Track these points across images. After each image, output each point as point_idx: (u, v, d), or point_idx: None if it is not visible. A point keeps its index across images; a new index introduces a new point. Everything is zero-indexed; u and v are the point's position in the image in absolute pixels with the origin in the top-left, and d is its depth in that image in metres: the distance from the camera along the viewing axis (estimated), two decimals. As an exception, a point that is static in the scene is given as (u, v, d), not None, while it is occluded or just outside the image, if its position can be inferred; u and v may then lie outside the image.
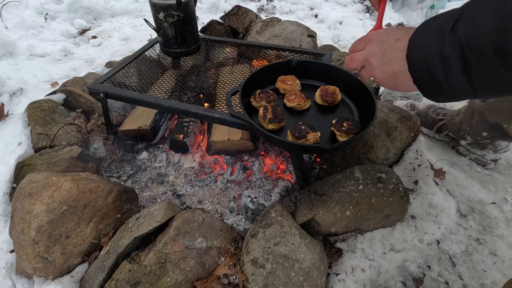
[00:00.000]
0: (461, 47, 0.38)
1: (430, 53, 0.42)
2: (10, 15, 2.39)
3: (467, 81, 0.39)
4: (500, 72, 0.35)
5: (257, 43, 1.43)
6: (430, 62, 0.42)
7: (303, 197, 1.01)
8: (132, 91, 1.14)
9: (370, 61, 0.55)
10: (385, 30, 0.54)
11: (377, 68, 0.54)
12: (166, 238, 0.87)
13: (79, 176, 0.97)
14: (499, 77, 0.36)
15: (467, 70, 0.38)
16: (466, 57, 0.38)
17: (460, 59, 0.39)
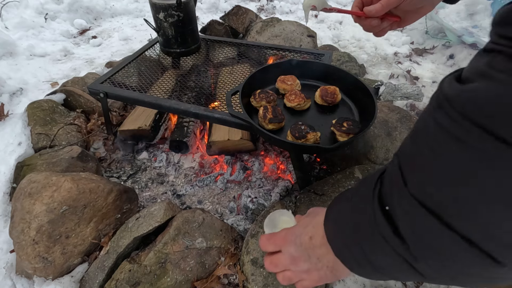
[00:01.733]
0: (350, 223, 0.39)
1: (339, 241, 0.41)
2: (10, 15, 2.39)
3: (370, 264, 0.38)
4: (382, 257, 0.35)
5: (257, 43, 1.43)
6: (344, 244, 0.41)
7: (303, 197, 1.01)
8: (132, 91, 1.14)
9: (298, 265, 0.49)
10: (294, 231, 0.51)
11: (310, 269, 0.48)
12: (166, 238, 0.87)
13: (79, 176, 0.97)
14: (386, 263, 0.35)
15: (363, 251, 0.38)
16: (358, 238, 0.38)
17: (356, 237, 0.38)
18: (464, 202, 0.26)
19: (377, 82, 1.60)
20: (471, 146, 0.25)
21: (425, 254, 0.30)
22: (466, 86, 0.26)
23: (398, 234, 0.31)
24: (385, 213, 0.33)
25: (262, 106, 0.95)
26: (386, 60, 2.12)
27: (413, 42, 2.30)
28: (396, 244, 0.31)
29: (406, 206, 0.30)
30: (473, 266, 0.27)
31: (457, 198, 0.26)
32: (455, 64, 2.00)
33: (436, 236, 0.28)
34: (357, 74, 1.81)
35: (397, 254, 0.32)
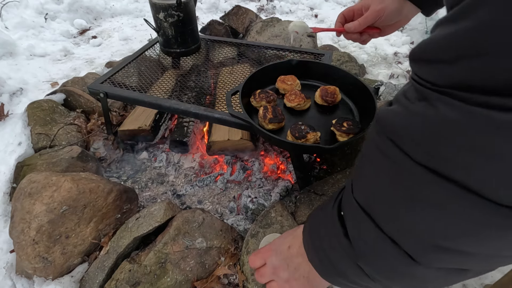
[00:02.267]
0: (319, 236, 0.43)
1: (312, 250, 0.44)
2: (10, 15, 2.39)
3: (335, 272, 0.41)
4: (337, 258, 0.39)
5: (257, 43, 1.43)
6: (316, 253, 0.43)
7: (303, 197, 1.01)
8: (132, 91, 1.14)
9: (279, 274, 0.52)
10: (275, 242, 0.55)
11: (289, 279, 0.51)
12: (166, 238, 0.88)
13: (79, 176, 0.97)
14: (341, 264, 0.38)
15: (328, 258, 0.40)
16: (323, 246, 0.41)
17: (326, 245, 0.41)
18: (388, 206, 0.30)
19: (377, 82, 1.60)
20: (387, 156, 0.30)
21: (365, 253, 0.34)
22: (387, 108, 0.31)
23: (347, 236, 0.35)
24: (340, 218, 0.38)
25: (262, 106, 0.95)
26: (386, 60, 2.12)
27: (413, 42, 2.30)
28: (346, 245, 0.35)
29: (352, 210, 0.35)
30: (398, 264, 0.31)
31: (384, 203, 0.31)
32: (455, 64, 2.00)
33: (372, 236, 0.32)
34: (357, 74, 1.81)
35: (348, 256, 0.36)
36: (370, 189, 0.33)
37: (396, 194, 0.29)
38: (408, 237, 0.29)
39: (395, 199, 0.29)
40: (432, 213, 0.27)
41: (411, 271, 0.31)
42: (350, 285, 0.41)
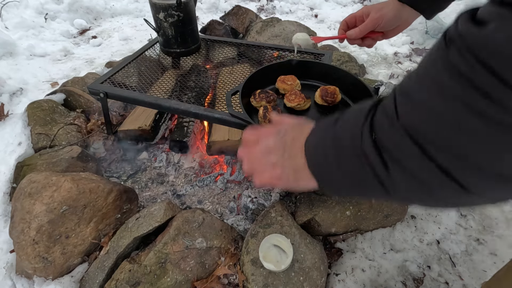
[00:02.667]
0: (335, 142, 0.40)
1: (320, 152, 0.43)
2: (10, 15, 2.39)
3: (343, 179, 0.40)
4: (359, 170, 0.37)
5: (257, 43, 1.43)
6: (321, 159, 0.42)
7: (303, 197, 1.01)
8: (132, 91, 1.14)
9: (269, 157, 0.49)
10: (280, 127, 0.52)
11: (277, 164, 0.48)
12: (166, 238, 0.88)
13: (79, 176, 0.97)
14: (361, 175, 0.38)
15: (340, 166, 0.40)
16: (338, 153, 0.39)
17: (335, 156, 0.40)
18: (451, 141, 0.28)
19: (377, 82, 1.59)
20: (473, 82, 0.25)
21: (400, 176, 0.33)
22: (481, 26, 0.25)
23: (381, 156, 0.34)
24: (374, 143, 0.35)
25: (262, 106, 0.95)
26: (386, 60, 2.12)
27: (413, 42, 2.30)
28: (376, 160, 0.34)
29: (394, 136, 0.32)
30: (444, 191, 0.31)
31: (447, 137, 0.28)
32: (455, 64, 2.00)
33: (415, 163, 0.31)
34: (357, 74, 1.81)
35: (372, 171, 0.35)
36: (431, 117, 0.29)
37: (473, 123, 0.26)
38: (469, 168, 0.28)
39: (466, 137, 0.27)
40: None
41: (458, 199, 0.31)
42: (343, 186, 0.41)
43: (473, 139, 0.27)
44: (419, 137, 0.30)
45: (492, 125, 0.25)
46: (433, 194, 0.32)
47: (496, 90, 0.24)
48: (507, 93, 0.23)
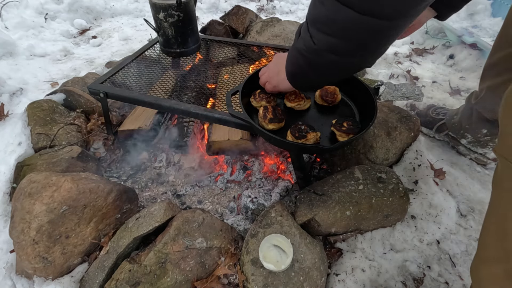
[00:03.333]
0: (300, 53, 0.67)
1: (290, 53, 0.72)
2: (10, 15, 2.39)
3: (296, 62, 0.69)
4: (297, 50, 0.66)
5: (257, 43, 1.43)
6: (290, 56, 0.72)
7: (303, 197, 1.01)
8: (132, 91, 1.14)
9: (270, 75, 0.89)
10: (274, 61, 0.89)
11: (273, 76, 0.87)
12: (166, 238, 0.87)
13: (79, 176, 0.97)
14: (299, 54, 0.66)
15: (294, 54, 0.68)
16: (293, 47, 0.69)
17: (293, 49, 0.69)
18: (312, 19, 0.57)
19: (377, 82, 1.59)
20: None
21: (300, 40, 0.64)
22: None
23: (298, 35, 0.67)
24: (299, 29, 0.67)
25: (262, 106, 0.95)
26: (386, 60, 2.12)
27: (413, 42, 2.30)
28: (296, 38, 0.67)
29: (304, 22, 0.64)
30: (308, 45, 0.61)
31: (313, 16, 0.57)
32: (455, 64, 2.00)
33: (304, 31, 0.61)
34: (357, 74, 1.81)
35: (293, 44, 0.68)
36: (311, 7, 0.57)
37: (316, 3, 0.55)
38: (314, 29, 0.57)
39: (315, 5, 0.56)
40: None
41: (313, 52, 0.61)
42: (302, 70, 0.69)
43: (316, 11, 0.56)
44: (308, 18, 0.59)
45: (320, 4, 0.54)
46: (307, 51, 0.63)
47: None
48: None
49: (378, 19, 0.48)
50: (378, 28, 0.50)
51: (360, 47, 0.55)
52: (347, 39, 0.53)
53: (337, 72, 0.66)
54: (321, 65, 0.62)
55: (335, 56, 0.57)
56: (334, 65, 0.62)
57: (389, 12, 0.47)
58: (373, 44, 0.55)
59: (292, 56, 0.69)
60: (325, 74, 0.68)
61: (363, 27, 0.50)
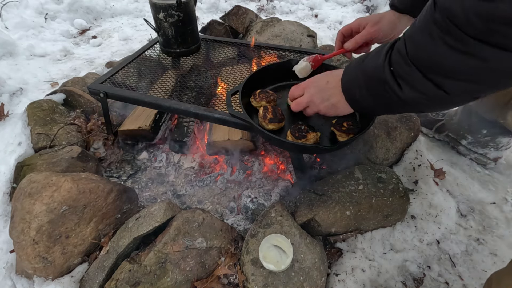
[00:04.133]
0: (365, 75, 0.62)
1: (354, 83, 0.66)
2: (10, 15, 2.39)
3: (371, 99, 0.62)
4: (383, 93, 0.58)
5: (257, 43, 1.43)
6: (354, 87, 0.65)
7: (303, 197, 1.01)
8: (132, 91, 1.14)
9: (313, 100, 0.76)
10: (315, 78, 0.77)
11: (320, 104, 0.75)
12: (166, 238, 0.87)
13: (79, 176, 0.97)
14: (384, 96, 0.59)
15: (368, 90, 0.62)
16: (367, 82, 0.62)
17: (365, 83, 0.62)
18: (438, 64, 0.49)
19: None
20: (446, 31, 0.45)
21: (409, 91, 0.54)
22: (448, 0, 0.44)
23: (396, 80, 0.55)
24: (391, 71, 0.55)
25: (262, 106, 0.95)
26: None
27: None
28: (394, 85, 0.55)
29: (405, 66, 0.53)
30: (435, 96, 0.52)
31: (436, 62, 0.49)
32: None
33: (419, 82, 0.52)
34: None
35: (392, 92, 0.56)
36: (427, 52, 0.49)
37: (448, 52, 0.46)
38: (448, 78, 0.49)
39: (446, 56, 0.46)
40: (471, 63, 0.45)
41: (443, 101, 0.53)
42: (372, 104, 0.63)
43: (448, 61, 0.47)
44: (419, 65, 0.51)
45: (458, 53, 0.45)
46: (430, 100, 0.53)
47: (458, 34, 0.43)
48: (462, 35, 0.43)
49: None
50: None
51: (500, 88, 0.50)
52: (504, 83, 0.48)
53: (457, 106, 0.66)
54: (442, 106, 0.58)
55: (473, 98, 0.53)
56: (463, 103, 0.58)
57: None
58: None
59: (382, 98, 0.60)
60: (436, 110, 0.68)
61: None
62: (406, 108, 0.60)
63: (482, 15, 0.40)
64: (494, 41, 0.41)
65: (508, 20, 0.39)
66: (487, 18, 0.40)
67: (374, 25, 0.84)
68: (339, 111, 0.73)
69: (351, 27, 0.90)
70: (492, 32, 0.40)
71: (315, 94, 0.75)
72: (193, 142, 1.32)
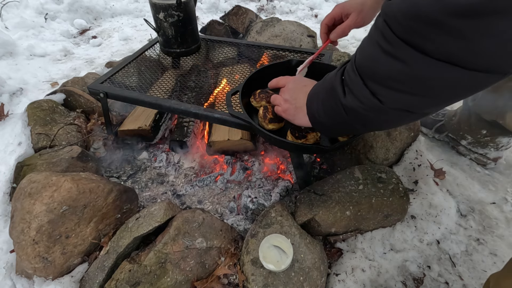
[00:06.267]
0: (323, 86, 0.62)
1: (315, 95, 0.65)
2: (10, 15, 2.39)
3: (323, 111, 0.61)
4: (330, 101, 0.58)
5: (257, 43, 1.43)
6: (314, 99, 0.65)
7: (303, 197, 1.01)
8: (132, 91, 1.14)
9: (285, 94, 0.77)
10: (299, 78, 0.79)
11: (287, 100, 0.75)
12: (166, 238, 0.87)
13: (79, 176, 0.97)
14: (330, 104, 0.58)
15: (323, 102, 0.61)
16: (323, 92, 0.61)
17: (322, 94, 0.62)
18: (375, 71, 0.47)
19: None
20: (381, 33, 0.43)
21: (350, 98, 0.53)
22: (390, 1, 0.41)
23: (343, 89, 0.54)
24: (342, 79, 0.55)
25: (262, 106, 0.95)
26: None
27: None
28: (340, 91, 0.55)
29: (351, 73, 0.52)
30: (371, 104, 0.50)
31: (373, 68, 0.47)
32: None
33: (358, 89, 0.50)
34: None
35: (337, 99, 0.55)
36: (367, 58, 0.48)
37: (381, 56, 0.44)
38: (382, 87, 0.47)
39: (379, 59, 0.45)
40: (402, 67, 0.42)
41: (377, 110, 0.50)
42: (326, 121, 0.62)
43: (380, 65, 0.45)
44: (361, 72, 0.49)
45: (387, 57, 0.43)
46: (367, 110, 0.51)
47: (389, 36, 0.41)
48: (392, 36, 0.40)
49: (494, 74, 0.37)
50: (483, 84, 0.40)
51: (444, 102, 0.46)
52: (434, 96, 0.44)
53: (398, 125, 0.61)
54: (382, 121, 0.54)
55: (409, 113, 0.49)
56: (401, 120, 0.54)
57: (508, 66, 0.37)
58: (458, 99, 0.46)
59: (331, 110, 0.58)
60: (380, 127, 0.62)
61: (465, 84, 0.40)
62: (349, 118, 0.55)
63: (405, 11, 0.37)
64: (414, 42, 0.38)
65: (428, 19, 0.35)
66: (409, 15, 0.36)
67: (359, 13, 0.82)
68: (296, 117, 0.72)
69: (334, 17, 0.89)
70: (413, 32, 0.37)
71: (290, 89, 0.76)
72: (193, 142, 1.32)
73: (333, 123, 0.61)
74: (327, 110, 0.60)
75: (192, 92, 1.18)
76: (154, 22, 1.25)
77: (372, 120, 0.54)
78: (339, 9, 0.86)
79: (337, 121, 0.59)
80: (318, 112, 0.62)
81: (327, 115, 0.60)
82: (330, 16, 0.89)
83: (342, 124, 0.59)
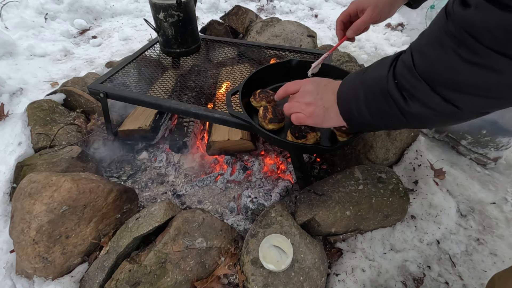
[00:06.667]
0: (365, 87, 0.57)
1: (351, 93, 0.61)
2: (10, 15, 2.39)
3: (368, 113, 0.58)
4: (384, 106, 0.54)
5: (257, 43, 1.43)
6: (351, 98, 0.60)
7: (303, 197, 1.01)
8: (132, 91, 1.14)
9: (305, 97, 0.69)
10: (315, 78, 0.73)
11: (311, 103, 0.68)
12: (166, 238, 0.88)
13: (79, 176, 0.97)
14: (385, 110, 0.55)
15: (367, 103, 0.57)
16: (366, 93, 0.57)
17: (364, 95, 0.57)
18: (450, 79, 0.45)
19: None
20: (461, 42, 0.42)
21: (415, 105, 0.50)
22: (466, 8, 0.41)
23: (401, 94, 0.51)
24: (395, 83, 0.52)
25: (262, 106, 0.95)
26: (386, 60, 2.12)
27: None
28: (399, 98, 0.51)
29: (412, 80, 0.49)
30: (445, 112, 0.48)
31: (447, 77, 0.45)
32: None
33: (427, 97, 0.48)
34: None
35: (395, 105, 0.52)
36: (436, 65, 0.46)
37: (461, 65, 0.43)
38: (461, 93, 0.45)
39: (459, 68, 0.43)
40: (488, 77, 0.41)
41: (453, 116, 0.49)
42: (367, 119, 0.58)
43: (462, 76, 0.43)
44: (427, 79, 0.47)
45: (471, 66, 0.42)
46: (438, 115, 0.50)
47: (474, 45, 0.40)
48: (479, 46, 0.40)
49: None
50: None
51: None
52: (508, 100, 0.46)
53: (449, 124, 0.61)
54: (441, 122, 0.54)
55: (482, 114, 0.50)
56: (461, 121, 0.54)
57: None
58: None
59: (383, 113, 0.56)
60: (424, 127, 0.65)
61: None
62: (409, 122, 0.54)
63: (504, 26, 0.38)
64: (510, 52, 0.39)
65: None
66: (505, 28, 0.37)
67: (374, 8, 0.80)
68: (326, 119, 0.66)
69: (349, 13, 0.86)
70: (509, 42, 0.38)
71: (310, 90, 0.69)
72: (193, 142, 1.32)
73: (379, 123, 0.59)
74: (375, 113, 0.57)
75: (192, 92, 1.18)
76: (154, 22, 1.25)
77: (438, 122, 0.53)
78: (354, 5, 0.83)
79: (386, 122, 0.58)
80: (359, 112, 0.59)
81: (374, 116, 0.57)
82: (346, 13, 0.86)
83: (391, 125, 0.59)
